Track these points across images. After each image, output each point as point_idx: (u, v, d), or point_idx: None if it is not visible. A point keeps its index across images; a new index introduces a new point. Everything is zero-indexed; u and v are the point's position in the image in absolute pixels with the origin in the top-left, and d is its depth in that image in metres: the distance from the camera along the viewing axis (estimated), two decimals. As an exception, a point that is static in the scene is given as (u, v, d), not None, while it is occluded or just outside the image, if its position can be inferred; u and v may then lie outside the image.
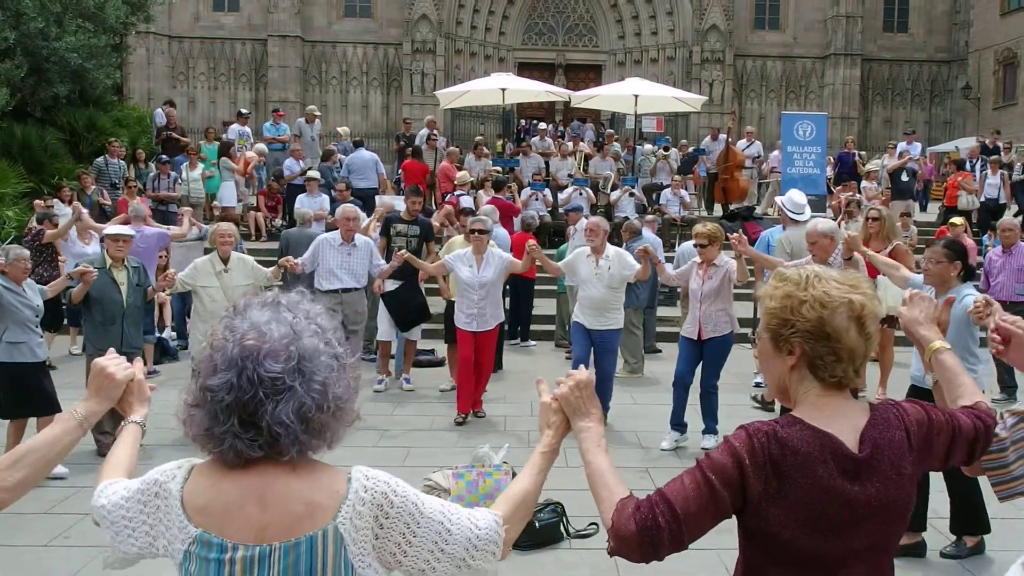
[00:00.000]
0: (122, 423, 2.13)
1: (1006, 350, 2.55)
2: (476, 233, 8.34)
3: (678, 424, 7.61)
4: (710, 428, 7.53)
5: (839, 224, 11.56)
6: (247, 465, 1.71)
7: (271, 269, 8.36)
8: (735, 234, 7.25)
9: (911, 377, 5.58)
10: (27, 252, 6.95)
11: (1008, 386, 9.26)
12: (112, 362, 2.08)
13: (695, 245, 7.64)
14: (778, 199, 9.77)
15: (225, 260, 7.98)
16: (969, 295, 4.91)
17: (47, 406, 6.83)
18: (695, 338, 7.46)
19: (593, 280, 7.90)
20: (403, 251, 8.69)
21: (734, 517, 1.92)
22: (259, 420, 1.66)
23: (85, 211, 11.98)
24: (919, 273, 5.60)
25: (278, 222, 16.64)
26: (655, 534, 1.82)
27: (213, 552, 1.69)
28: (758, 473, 1.84)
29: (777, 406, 7.78)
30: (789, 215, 8.88)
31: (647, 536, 1.82)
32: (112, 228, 7.74)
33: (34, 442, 1.99)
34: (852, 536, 1.88)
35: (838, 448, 1.87)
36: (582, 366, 2.23)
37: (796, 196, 9.15)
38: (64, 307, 10.38)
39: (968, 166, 18.87)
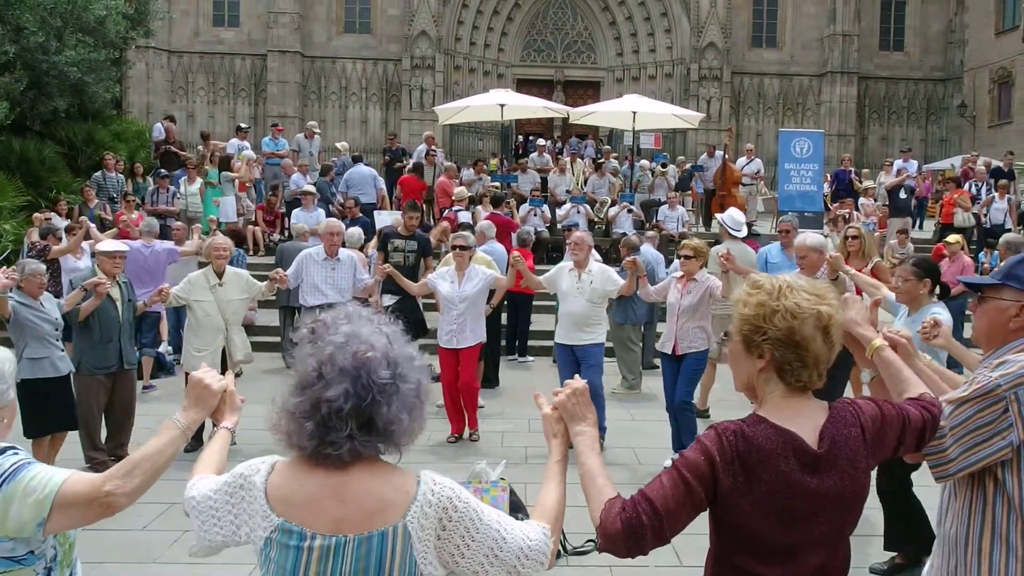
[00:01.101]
0: (215, 427, 2.35)
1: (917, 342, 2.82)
2: (457, 249, 8.35)
3: (680, 448, 7.59)
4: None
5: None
6: (330, 464, 1.89)
7: (264, 283, 8.33)
8: (724, 250, 7.27)
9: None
10: (43, 267, 6.88)
11: None
12: (208, 374, 2.30)
13: (678, 256, 7.69)
14: (719, 216, 10.50)
15: (220, 274, 7.92)
16: (937, 314, 4.94)
17: (67, 422, 6.81)
18: (671, 353, 7.48)
19: (574, 294, 7.90)
20: (386, 265, 8.67)
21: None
22: (376, 421, 1.87)
23: (93, 225, 11.96)
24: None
25: (276, 236, 16.65)
26: (639, 531, 1.98)
27: (293, 540, 1.86)
28: (727, 469, 2.00)
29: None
30: (729, 231, 9.50)
31: (632, 533, 1.98)
32: (107, 244, 7.61)
33: (145, 451, 2.21)
34: (812, 525, 2.04)
35: (799, 445, 2.03)
36: (577, 375, 2.37)
37: (735, 214, 9.95)
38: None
39: (973, 188, 18.43)
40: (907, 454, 2.28)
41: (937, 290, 5.36)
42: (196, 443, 7.74)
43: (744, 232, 9.76)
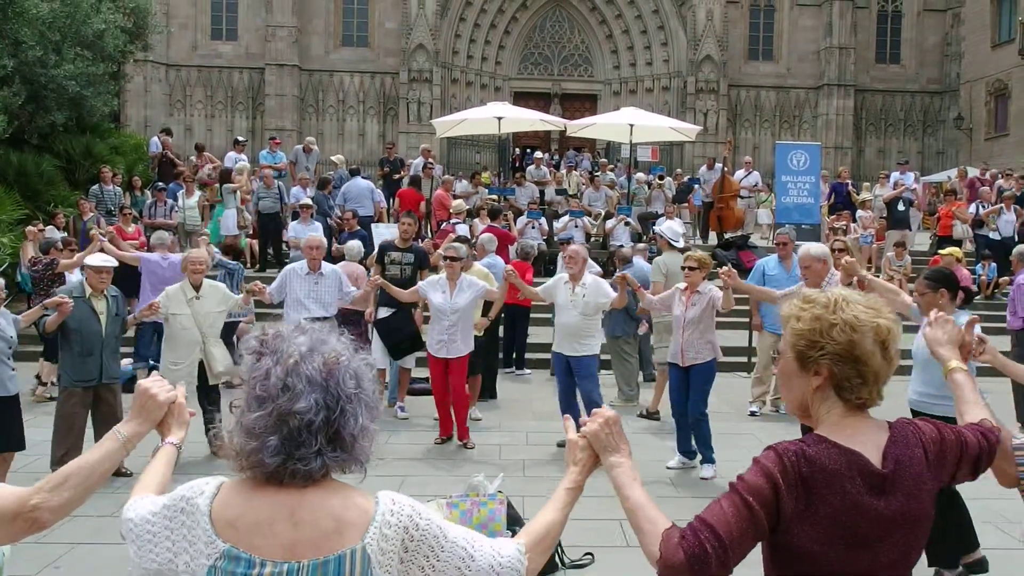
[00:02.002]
0: (159, 444, 2.17)
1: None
2: (448, 260, 8.42)
3: (685, 451, 7.74)
4: (707, 457, 7.57)
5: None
6: (278, 484, 1.75)
7: (241, 296, 8.32)
8: (725, 267, 7.36)
9: (909, 402, 5.50)
10: (1, 281, 6.77)
11: None
12: (155, 384, 2.13)
13: (683, 267, 7.75)
14: (657, 228, 10.94)
15: (196, 287, 7.88)
16: (959, 322, 4.92)
17: (13, 442, 6.62)
18: (679, 363, 7.58)
19: (568, 307, 8.04)
20: (376, 277, 8.69)
21: None
22: (343, 434, 1.75)
23: (105, 239, 11.91)
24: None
25: (269, 250, 16.59)
26: (703, 560, 1.84)
27: (240, 567, 1.70)
28: (791, 491, 1.90)
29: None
30: (669, 241, 9.84)
31: (696, 563, 1.84)
32: (95, 259, 7.45)
33: (78, 463, 2.03)
34: (879, 550, 1.94)
35: (864, 465, 1.93)
36: (605, 406, 2.25)
37: (675, 225, 10.51)
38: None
39: (977, 209, 17.56)
40: (964, 481, 2.18)
41: (961, 296, 5.27)
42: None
43: (682, 243, 10.08)
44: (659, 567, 1.90)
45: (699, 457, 7.65)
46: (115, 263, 7.73)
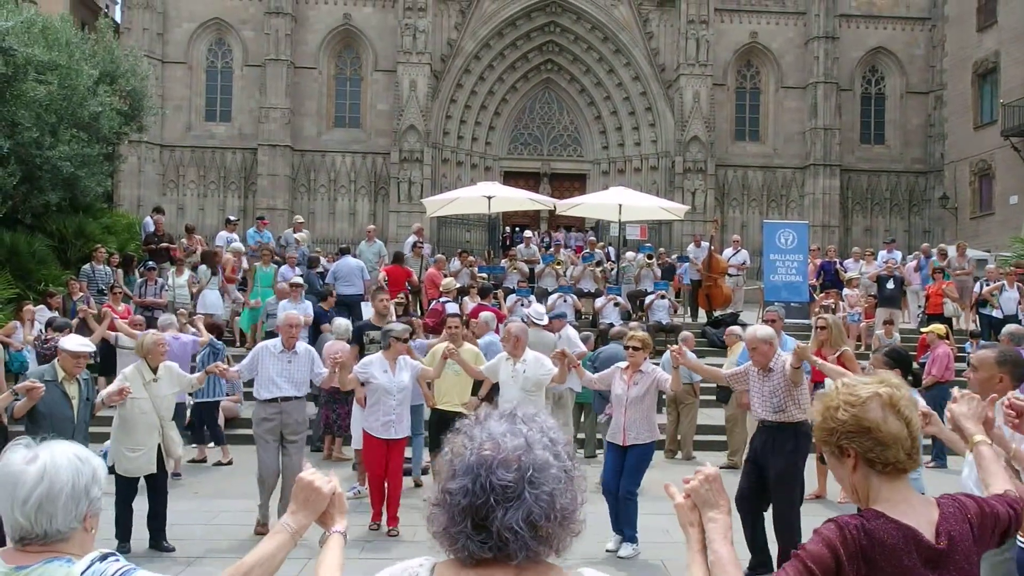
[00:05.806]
0: (324, 533, 2.26)
1: (1021, 423, 3.13)
2: (400, 342, 8.36)
3: (620, 530, 7.61)
4: (628, 536, 7.48)
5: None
6: (484, 565, 1.81)
7: (197, 375, 8.23)
8: (675, 346, 7.52)
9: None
10: None
11: None
12: (317, 476, 2.23)
13: (626, 347, 7.78)
14: (525, 311, 12.31)
15: (155, 369, 7.71)
16: None
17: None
18: (620, 443, 7.53)
19: (510, 383, 8.08)
20: (339, 355, 8.56)
21: None
22: (490, 524, 1.77)
23: (118, 318, 11.90)
24: None
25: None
26: None
27: None
28: (852, 562, 2.04)
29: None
30: (534, 320, 11.07)
31: None
32: (71, 343, 7.05)
33: (255, 557, 2.16)
34: None
35: (920, 540, 2.08)
36: (708, 463, 2.32)
37: (539, 307, 12.36)
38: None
39: (980, 287, 17.26)
40: (990, 548, 2.33)
41: (910, 379, 5.60)
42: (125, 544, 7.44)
43: (545, 320, 11.41)
44: None
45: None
46: (93, 348, 7.49)
